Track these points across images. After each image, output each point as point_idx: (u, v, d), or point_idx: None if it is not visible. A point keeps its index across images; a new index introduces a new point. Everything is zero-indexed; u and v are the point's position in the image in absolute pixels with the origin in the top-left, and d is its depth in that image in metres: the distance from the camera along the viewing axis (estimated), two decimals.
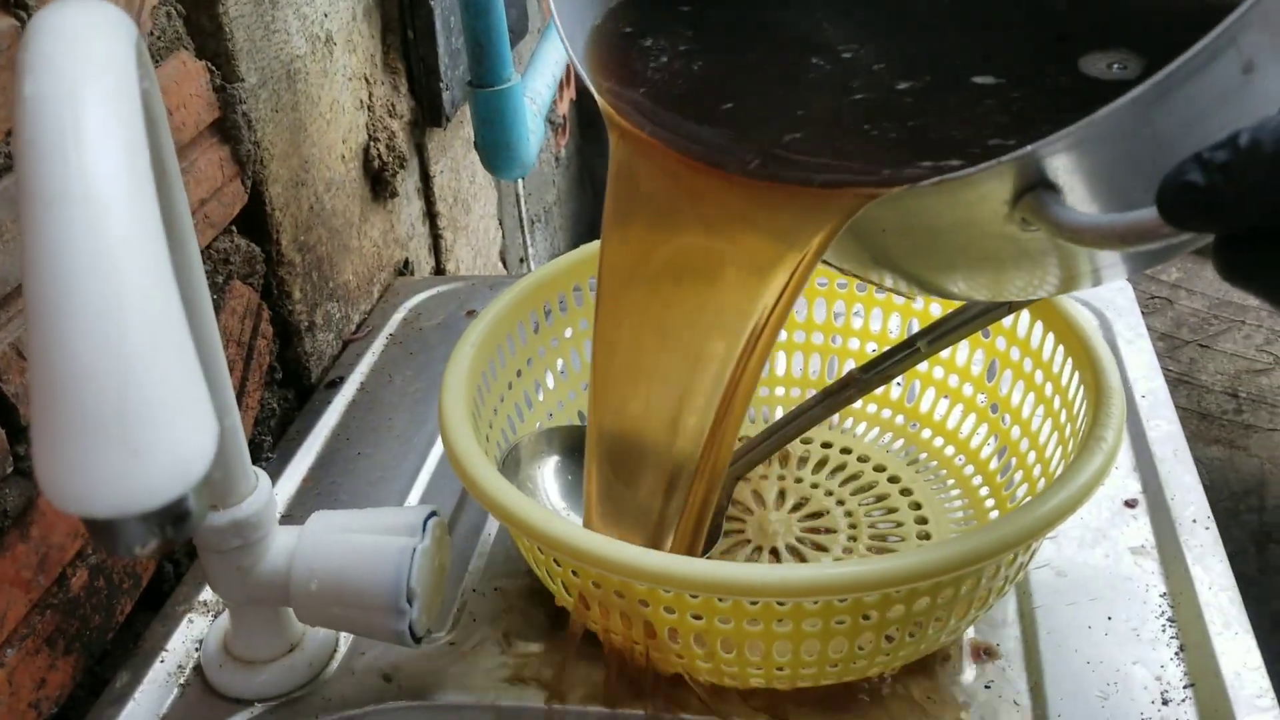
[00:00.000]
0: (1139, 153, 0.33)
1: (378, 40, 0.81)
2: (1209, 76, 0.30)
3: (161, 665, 0.52)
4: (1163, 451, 0.61)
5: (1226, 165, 0.25)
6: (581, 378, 0.63)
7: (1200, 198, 0.26)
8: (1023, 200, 0.34)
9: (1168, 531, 0.56)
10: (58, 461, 0.21)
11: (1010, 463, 0.58)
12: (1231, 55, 0.30)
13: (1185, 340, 1.24)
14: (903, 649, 0.46)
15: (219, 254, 0.62)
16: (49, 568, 0.49)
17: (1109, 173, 0.34)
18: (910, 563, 0.41)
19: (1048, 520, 0.42)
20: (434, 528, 0.47)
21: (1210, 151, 0.26)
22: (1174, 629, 0.51)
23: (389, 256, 0.85)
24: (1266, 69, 0.31)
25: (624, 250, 0.45)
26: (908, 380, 0.63)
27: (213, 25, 0.60)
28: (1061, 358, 0.54)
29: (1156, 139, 0.32)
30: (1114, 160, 0.34)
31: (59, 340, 0.21)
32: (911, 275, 0.46)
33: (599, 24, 0.48)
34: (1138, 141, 0.32)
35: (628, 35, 0.47)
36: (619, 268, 0.45)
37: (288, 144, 0.68)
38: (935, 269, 0.44)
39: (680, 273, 0.43)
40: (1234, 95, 0.31)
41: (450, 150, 0.96)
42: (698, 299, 0.43)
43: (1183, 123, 0.32)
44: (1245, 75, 0.31)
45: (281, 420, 0.70)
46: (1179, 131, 0.32)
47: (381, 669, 0.51)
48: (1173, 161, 0.29)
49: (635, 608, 0.45)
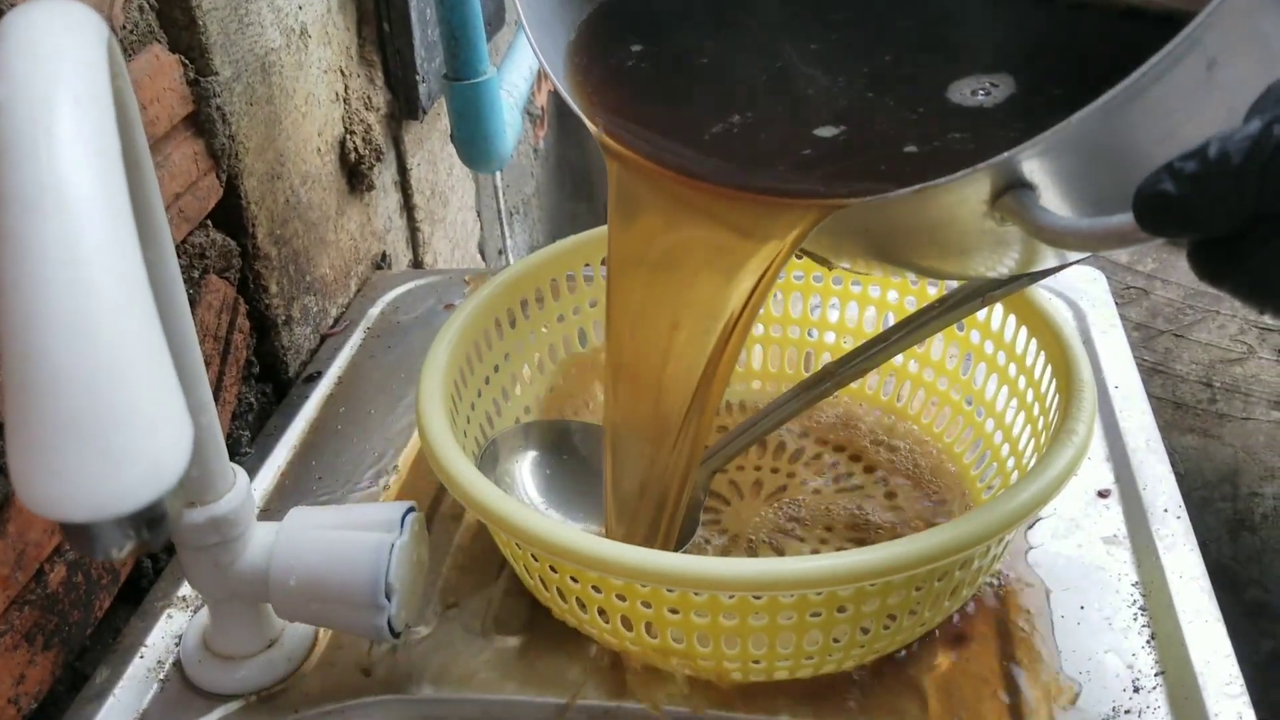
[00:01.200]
0: (1110, 150, 0.34)
1: (353, 33, 0.81)
2: (1176, 76, 0.31)
3: (141, 661, 0.52)
4: (1135, 442, 0.61)
5: (1196, 175, 0.27)
6: (559, 371, 0.63)
7: (1173, 206, 0.27)
8: (1000, 200, 0.35)
9: (1140, 521, 0.56)
10: (32, 466, 0.21)
11: (985, 455, 0.58)
12: (1197, 53, 0.31)
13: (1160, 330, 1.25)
14: (878, 641, 0.46)
15: (194, 248, 0.62)
16: (26, 564, 0.49)
17: (1082, 170, 0.35)
18: (882, 556, 0.41)
19: (1019, 513, 0.43)
20: (412, 523, 0.47)
21: (1181, 161, 0.27)
22: (1145, 618, 0.51)
23: (366, 250, 0.85)
24: (1228, 62, 0.32)
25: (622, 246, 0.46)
26: (883, 374, 0.64)
27: (186, 18, 0.59)
28: (1035, 351, 0.54)
29: (1127, 136, 0.33)
30: (1087, 159, 0.34)
31: (32, 345, 0.21)
32: (880, 259, 0.47)
33: (574, 40, 0.48)
34: (1109, 140, 0.33)
35: (604, 51, 0.48)
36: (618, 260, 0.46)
37: (263, 137, 0.67)
38: (907, 254, 0.45)
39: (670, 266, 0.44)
40: (1199, 89, 0.32)
41: (427, 143, 0.96)
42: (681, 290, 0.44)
43: (1151, 119, 0.32)
44: (1209, 71, 0.32)
45: (259, 415, 0.70)
46: (1148, 127, 0.33)
47: (360, 663, 0.51)
48: (1142, 156, 0.31)
49: (612, 602, 0.45)
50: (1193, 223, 0.28)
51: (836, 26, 0.48)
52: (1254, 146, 0.26)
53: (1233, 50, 0.32)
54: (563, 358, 0.63)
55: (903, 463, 0.61)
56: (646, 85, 0.47)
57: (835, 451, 0.62)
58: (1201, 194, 0.27)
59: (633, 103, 0.45)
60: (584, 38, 0.49)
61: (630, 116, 0.45)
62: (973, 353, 0.59)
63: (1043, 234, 0.34)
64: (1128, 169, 0.33)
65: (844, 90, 0.44)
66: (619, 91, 0.46)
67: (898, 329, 0.54)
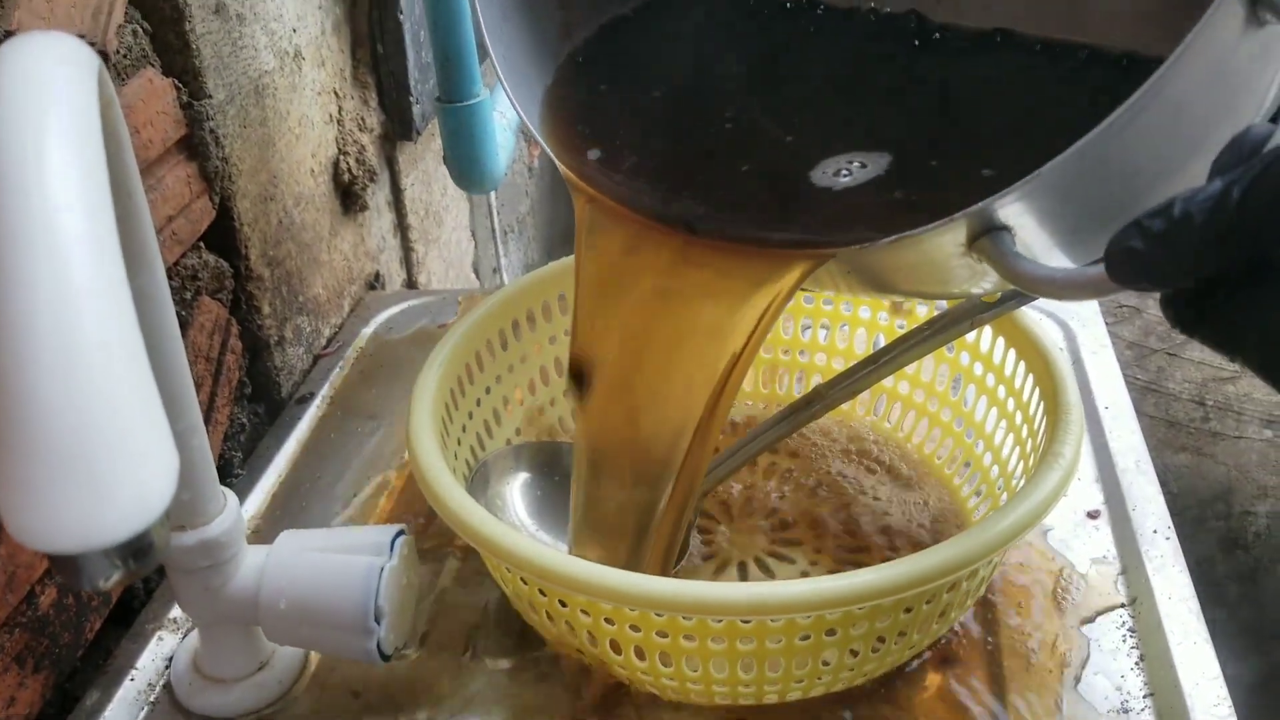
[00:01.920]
0: (1082, 188, 0.35)
1: (347, 55, 0.81)
2: (1145, 119, 0.32)
3: (131, 683, 0.52)
4: (1125, 462, 0.62)
5: (1163, 234, 0.28)
6: (551, 393, 0.63)
7: (1143, 262, 0.29)
8: (977, 243, 0.36)
9: (1129, 542, 0.57)
10: (20, 497, 0.22)
11: (974, 477, 0.58)
12: (1167, 96, 0.32)
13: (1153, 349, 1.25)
14: (867, 664, 0.46)
15: (187, 270, 0.62)
16: (17, 586, 0.49)
17: (1056, 209, 0.36)
18: (869, 580, 0.41)
19: (1006, 536, 0.43)
20: (402, 546, 0.47)
21: (1149, 219, 0.29)
22: (1134, 639, 0.52)
23: (359, 270, 0.85)
24: (1193, 103, 0.33)
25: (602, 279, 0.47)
26: (873, 395, 0.64)
27: (179, 42, 0.60)
28: (1023, 373, 0.55)
29: (1099, 174, 0.34)
30: (1060, 198, 0.35)
31: (20, 379, 0.21)
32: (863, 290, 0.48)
33: (551, 86, 0.49)
34: (1081, 180, 0.34)
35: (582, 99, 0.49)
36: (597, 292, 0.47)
37: (256, 159, 0.68)
38: (890, 286, 0.46)
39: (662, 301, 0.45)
40: (1167, 128, 0.33)
41: (421, 163, 0.96)
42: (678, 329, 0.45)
43: (1121, 158, 0.34)
44: (1175, 116, 0.33)
45: (251, 436, 0.70)
46: (1119, 165, 0.34)
47: (351, 686, 0.51)
48: (1113, 191, 0.33)
49: (601, 626, 0.45)
50: (1161, 278, 0.29)
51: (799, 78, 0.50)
52: (1215, 207, 0.27)
53: (1199, 89, 0.33)
54: (555, 379, 0.64)
55: (892, 484, 0.61)
56: (622, 131, 0.48)
57: (825, 473, 0.63)
58: (1168, 251, 0.28)
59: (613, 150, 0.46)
60: (560, 86, 0.50)
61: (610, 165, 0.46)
62: (962, 374, 0.60)
63: (1020, 281, 0.35)
64: (1099, 203, 0.35)
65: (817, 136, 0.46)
66: (596, 140, 0.47)
67: (887, 351, 0.54)
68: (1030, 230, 0.36)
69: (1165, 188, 0.36)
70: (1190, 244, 0.28)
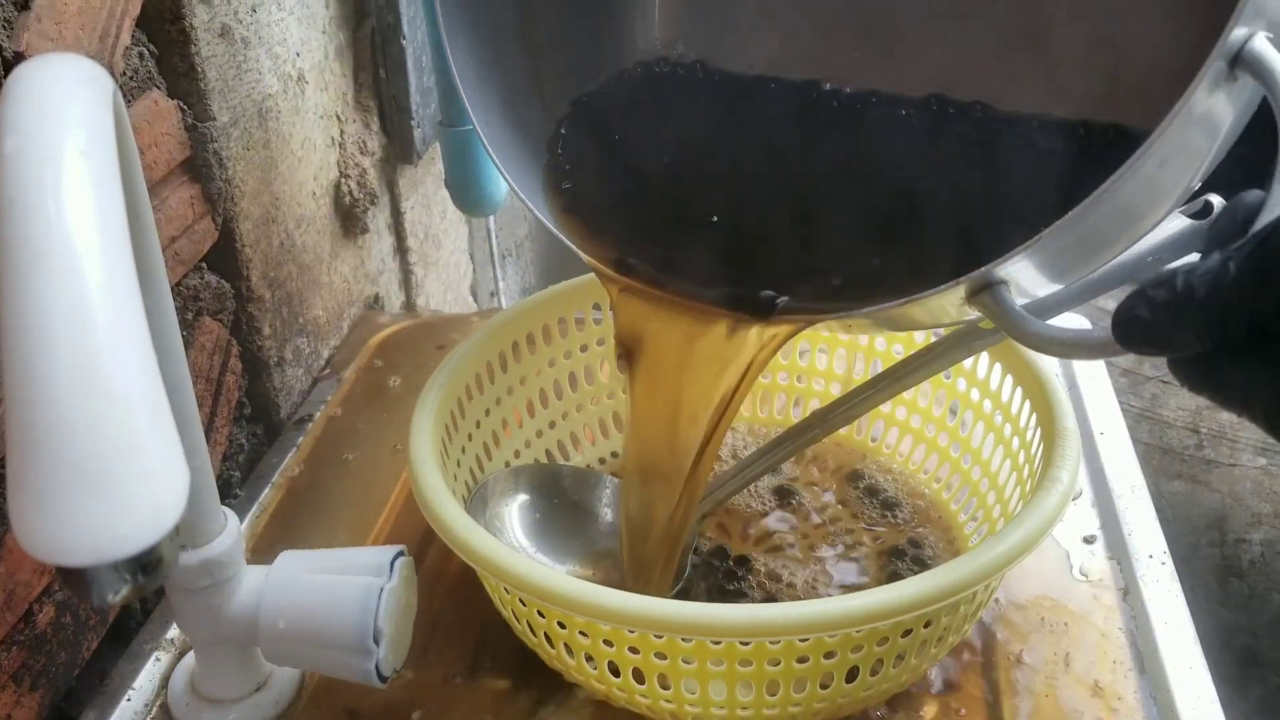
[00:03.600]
0: (1075, 243, 0.37)
1: (350, 78, 0.82)
2: (1133, 177, 0.34)
3: (128, 704, 0.52)
4: (1121, 488, 0.62)
5: (1167, 304, 0.30)
6: (550, 416, 0.64)
7: (1149, 331, 0.31)
8: (977, 298, 0.38)
9: (1126, 567, 0.57)
10: (32, 510, 0.22)
11: (971, 502, 0.59)
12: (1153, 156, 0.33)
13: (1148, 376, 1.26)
14: (864, 689, 0.46)
15: (189, 291, 0.63)
16: (15, 604, 0.49)
17: (1050, 261, 0.38)
18: (866, 604, 0.41)
19: (1003, 561, 0.43)
20: (401, 567, 0.47)
21: (1154, 289, 0.31)
22: (1132, 664, 0.52)
23: (359, 292, 0.85)
24: (1175, 160, 0.35)
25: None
26: (870, 420, 0.64)
27: (185, 65, 0.60)
28: (1020, 399, 0.55)
29: (1091, 229, 0.36)
30: (1054, 253, 0.37)
31: (36, 391, 0.22)
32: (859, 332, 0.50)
33: (549, 162, 0.51)
34: (1075, 236, 0.36)
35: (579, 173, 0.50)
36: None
37: (259, 181, 0.68)
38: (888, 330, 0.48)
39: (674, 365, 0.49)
40: (1151, 183, 0.35)
41: (421, 186, 0.97)
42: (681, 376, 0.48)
43: (1112, 213, 0.36)
44: (1159, 168, 0.35)
45: (250, 456, 0.70)
46: (1109, 219, 0.36)
47: (347, 706, 0.51)
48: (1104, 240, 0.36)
49: (599, 648, 0.45)
50: (1166, 345, 0.31)
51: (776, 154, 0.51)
52: (1214, 283, 0.29)
53: (1180, 146, 0.34)
54: (554, 400, 0.64)
55: (889, 509, 0.61)
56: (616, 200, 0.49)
57: (821, 496, 0.63)
58: (1171, 321, 0.30)
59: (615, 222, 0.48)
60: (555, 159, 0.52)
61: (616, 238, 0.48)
62: (959, 400, 0.60)
63: (1026, 340, 0.37)
64: (1090, 241, 0.37)
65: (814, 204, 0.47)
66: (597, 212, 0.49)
67: (885, 376, 0.55)
68: (1024, 276, 0.38)
69: (1155, 215, 0.37)
70: (1194, 316, 0.29)
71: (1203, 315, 0.29)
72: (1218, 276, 0.29)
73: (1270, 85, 0.33)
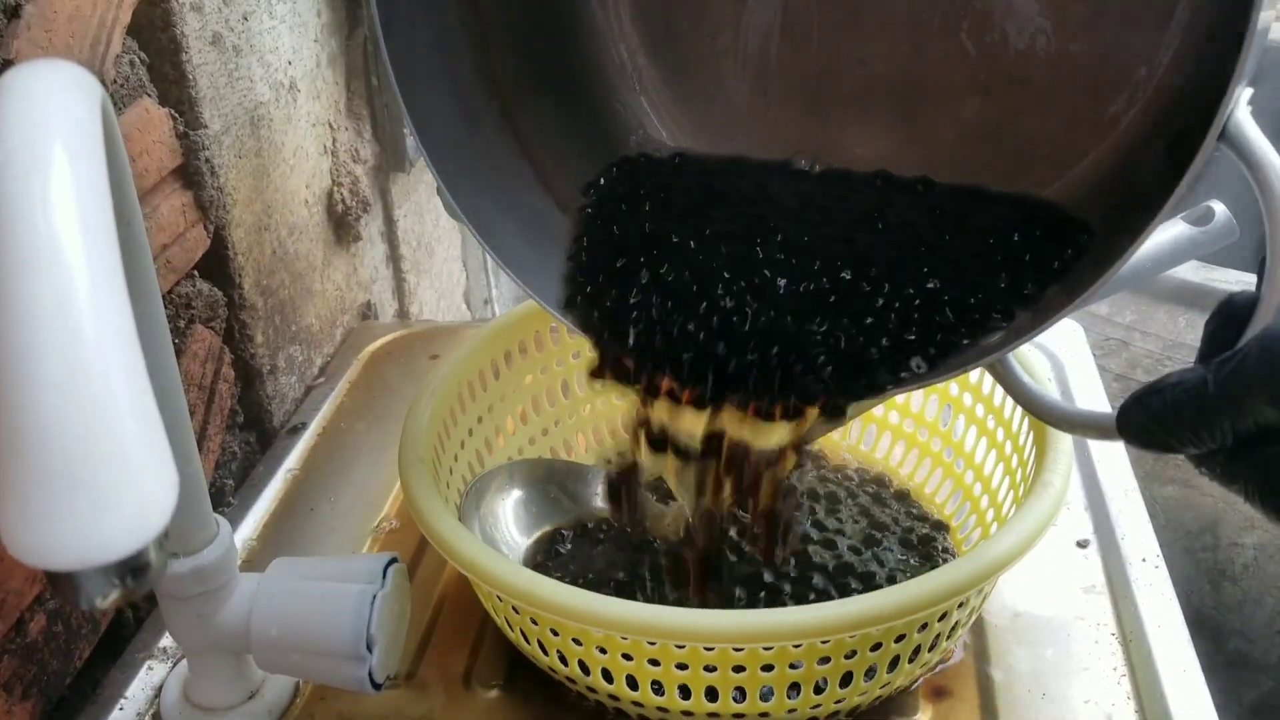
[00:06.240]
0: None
1: (342, 86, 0.82)
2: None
3: (120, 713, 0.52)
4: (1114, 492, 0.62)
5: (1159, 417, 0.34)
6: (543, 422, 0.64)
7: (1148, 436, 0.34)
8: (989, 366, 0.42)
9: (1119, 571, 0.57)
10: (20, 514, 0.22)
11: (964, 506, 0.59)
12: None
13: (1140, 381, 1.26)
14: (857, 692, 0.46)
15: (181, 299, 0.63)
16: (7, 613, 0.49)
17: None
18: (860, 608, 0.41)
19: (995, 565, 0.43)
20: (394, 574, 0.47)
21: (1148, 396, 0.34)
22: (1125, 668, 0.52)
23: (352, 300, 0.85)
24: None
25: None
26: (864, 424, 0.64)
27: (176, 73, 0.60)
28: (1012, 403, 0.55)
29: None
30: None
31: (23, 395, 0.22)
32: None
33: (568, 273, 0.50)
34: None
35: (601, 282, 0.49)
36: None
37: (251, 189, 0.68)
38: None
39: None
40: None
41: (414, 194, 0.97)
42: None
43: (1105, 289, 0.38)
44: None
45: (243, 464, 0.70)
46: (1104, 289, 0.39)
47: (341, 713, 0.51)
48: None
49: (593, 655, 0.45)
50: (1166, 449, 0.34)
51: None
52: (1197, 397, 0.32)
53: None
54: (547, 408, 0.64)
55: (882, 514, 0.61)
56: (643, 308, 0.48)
57: (813, 501, 0.63)
58: (1165, 432, 0.34)
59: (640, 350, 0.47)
60: (574, 267, 0.51)
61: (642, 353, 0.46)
62: (951, 404, 0.60)
63: (1036, 411, 0.41)
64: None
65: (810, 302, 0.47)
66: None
67: None
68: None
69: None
70: (1181, 430, 0.33)
71: (1190, 429, 0.33)
72: (1198, 395, 0.32)
73: (1251, 165, 0.34)
